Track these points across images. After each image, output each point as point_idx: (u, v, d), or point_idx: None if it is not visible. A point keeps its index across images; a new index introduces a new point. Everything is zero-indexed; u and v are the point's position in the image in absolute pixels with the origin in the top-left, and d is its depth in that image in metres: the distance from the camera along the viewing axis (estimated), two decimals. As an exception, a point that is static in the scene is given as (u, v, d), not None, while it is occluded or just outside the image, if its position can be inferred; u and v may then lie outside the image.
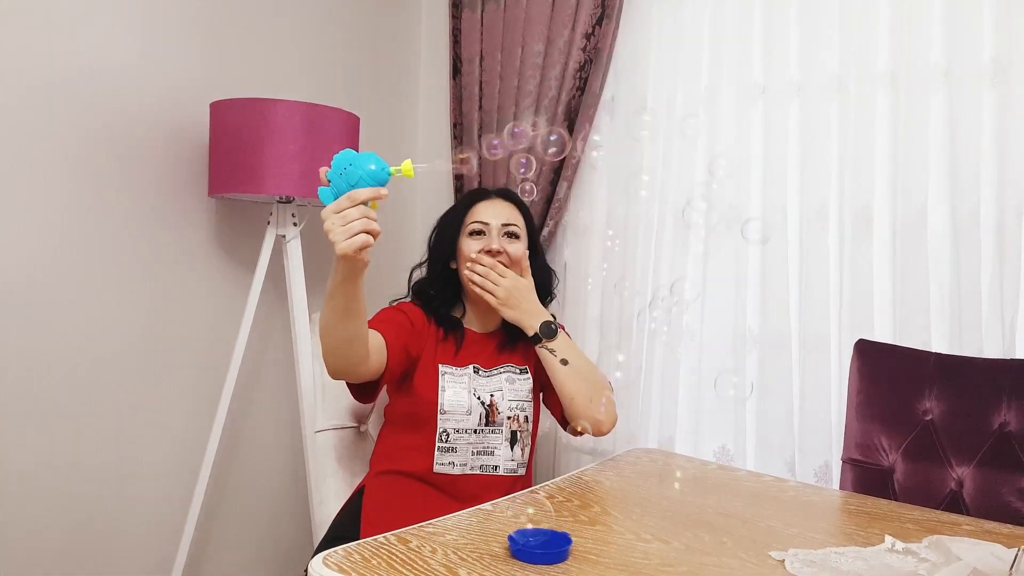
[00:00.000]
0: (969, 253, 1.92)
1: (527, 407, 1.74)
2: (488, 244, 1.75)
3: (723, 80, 2.29)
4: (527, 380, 1.77)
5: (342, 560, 1.03)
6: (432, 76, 2.94)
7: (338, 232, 1.18)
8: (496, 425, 1.70)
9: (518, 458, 1.72)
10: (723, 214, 2.28)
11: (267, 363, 2.48)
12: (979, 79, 1.91)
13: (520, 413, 1.72)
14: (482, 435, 1.68)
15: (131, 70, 2.12)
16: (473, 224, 1.78)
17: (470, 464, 1.67)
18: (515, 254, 1.76)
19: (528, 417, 1.74)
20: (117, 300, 2.13)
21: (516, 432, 1.72)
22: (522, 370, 1.78)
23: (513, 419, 1.71)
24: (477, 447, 1.68)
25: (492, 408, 1.70)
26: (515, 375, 1.76)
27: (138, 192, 2.16)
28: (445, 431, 1.66)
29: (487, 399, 1.70)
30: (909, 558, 1.14)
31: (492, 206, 1.82)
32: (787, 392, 2.15)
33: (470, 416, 1.67)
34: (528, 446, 1.75)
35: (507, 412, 1.71)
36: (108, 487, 2.14)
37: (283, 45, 2.49)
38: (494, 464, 1.69)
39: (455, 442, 1.67)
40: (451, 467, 1.66)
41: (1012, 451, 1.61)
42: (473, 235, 1.78)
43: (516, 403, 1.72)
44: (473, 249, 1.75)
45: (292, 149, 2.01)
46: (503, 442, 1.70)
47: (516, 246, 1.78)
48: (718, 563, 1.10)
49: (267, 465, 2.52)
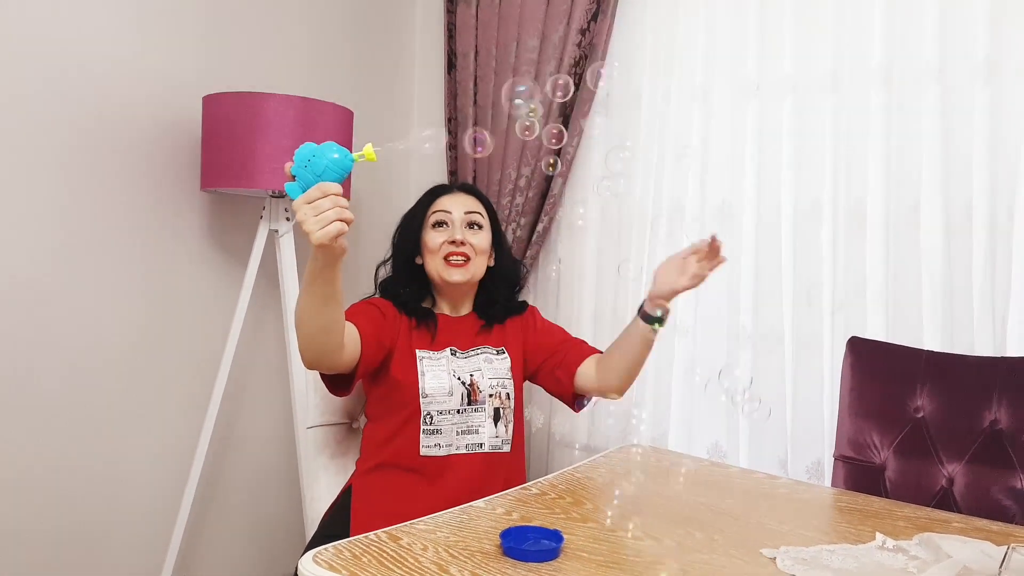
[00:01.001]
0: (961, 251, 1.92)
1: (508, 384, 1.74)
2: (451, 234, 1.75)
3: (717, 77, 2.29)
4: (505, 359, 1.77)
5: (332, 558, 1.03)
6: (427, 71, 2.93)
7: (312, 222, 1.20)
8: (479, 403, 1.70)
9: (503, 434, 1.72)
10: (718, 210, 2.28)
11: (259, 358, 2.47)
12: (972, 77, 1.91)
13: (501, 390, 1.73)
14: (465, 414, 1.69)
15: (123, 63, 2.11)
16: (435, 215, 1.79)
17: (455, 444, 1.68)
18: (478, 244, 1.77)
19: (510, 394, 1.74)
20: (109, 294, 2.13)
21: (499, 409, 1.72)
22: (499, 351, 1.78)
23: (495, 396, 1.72)
24: (461, 427, 1.69)
25: (473, 387, 1.70)
26: (492, 355, 1.77)
27: (130, 186, 2.15)
28: (428, 414, 1.67)
29: (467, 379, 1.70)
30: (900, 556, 1.15)
31: (454, 198, 1.82)
32: (780, 389, 2.16)
33: (452, 397, 1.68)
34: (511, 422, 1.75)
35: (488, 390, 1.72)
36: (99, 482, 2.14)
37: (277, 39, 2.48)
38: (479, 442, 1.69)
39: (439, 424, 1.67)
40: (437, 449, 1.67)
41: (1002, 449, 1.61)
42: (436, 226, 1.78)
43: (496, 380, 1.73)
44: (436, 240, 1.76)
45: (285, 143, 2.00)
46: (487, 419, 1.71)
47: (480, 236, 1.79)
48: (709, 560, 1.10)
49: (259, 461, 2.52)
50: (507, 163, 2.55)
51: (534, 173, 2.51)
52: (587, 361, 1.76)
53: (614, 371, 1.71)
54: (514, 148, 2.54)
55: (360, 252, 2.77)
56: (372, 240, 2.74)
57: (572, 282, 2.55)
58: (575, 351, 1.80)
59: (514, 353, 1.80)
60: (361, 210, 2.77)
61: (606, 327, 2.47)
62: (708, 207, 2.30)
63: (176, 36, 2.22)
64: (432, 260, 1.77)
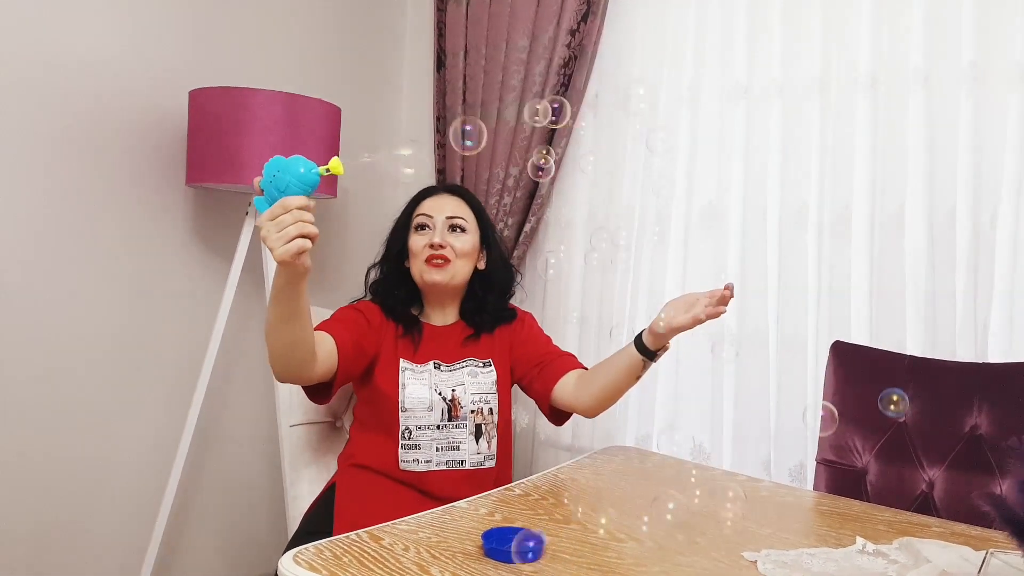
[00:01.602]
0: (944, 256, 1.94)
1: (491, 399, 1.71)
2: (431, 237, 1.72)
3: (706, 80, 2.30)
4: (490, 373, 1.74)
5: (313, 558, 1.02)
6: (416, 69, 2.92)
7: (274, 239, 1.18)
8: (459, 420, 1.67)
9: (484, 451, 1.70)
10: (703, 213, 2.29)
11: (243, 355, 2.46)
12: (958, 83, 1.92)
13: (484, 406, 1.70)
14: (445, 430, 1.67)
15: (109, 57, 2.10)
16: (418, 218, 1.77)
17: (435, 460, 1.66)
18: (460, 248, 1.74)
19: (493, 409, 1.71)
20: (92, 289, 2.11)
21: (481, 425, 1.69)
22: (485, 363, 1.75)
23: (477, 412, 1.69)
24: (441, 443, 1.66)
25: (454, 403, 1.67)
26: (477, 368, 1.74)
27: (115, 180, 2.13)
28: (407, 428, 1.65)
29: (448, 394, 1.68)
30: (879, 560, 1.15)
31: (438, 200, 1.79)
32: (764, 392, 2.16)
33: (432, 412, 1.66)
34: (495, 438, 1.72)
35: (470, 406, 1.69)
36: (80, 479, 2.12)
37: (264, 33, 2.47)
38: (460, 459, 1.67)
39: (418, 439, 1.65)
40: (416, 464, 1.65)
41: (983, 454, 1.62)
42: (418, 229, 1.76)
43: (479, 396, 1.70)
44: (419, 244, 1.74)
45: (271, 139, 2.00)
46: (468, 436, 1.68)
47: (463, 239, 1.75)
48: (691, 563, 1.10)
49: (242, 458, 2.51)
50: (495, 163, 2.55)
51: (522, 173, 2.51)
52: (568, 375, 1.73)
53: (593, 392, 1.67)
54: (503, 148, 2.53)
55: (349, 253, 2.76)
56: (360, 241, 2.75)
57: (559, 283, 2.55)
58: (557, 363, 1.76)
59: (501, 364, 1.77)
60: (349, 211, 2.76)
61: (592, 329, 2.47)
62: (695, 209, 2.30)
63: (162, 29, 2.20)
64: (415, 263, 1.75)
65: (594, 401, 1.67)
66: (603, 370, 1.66)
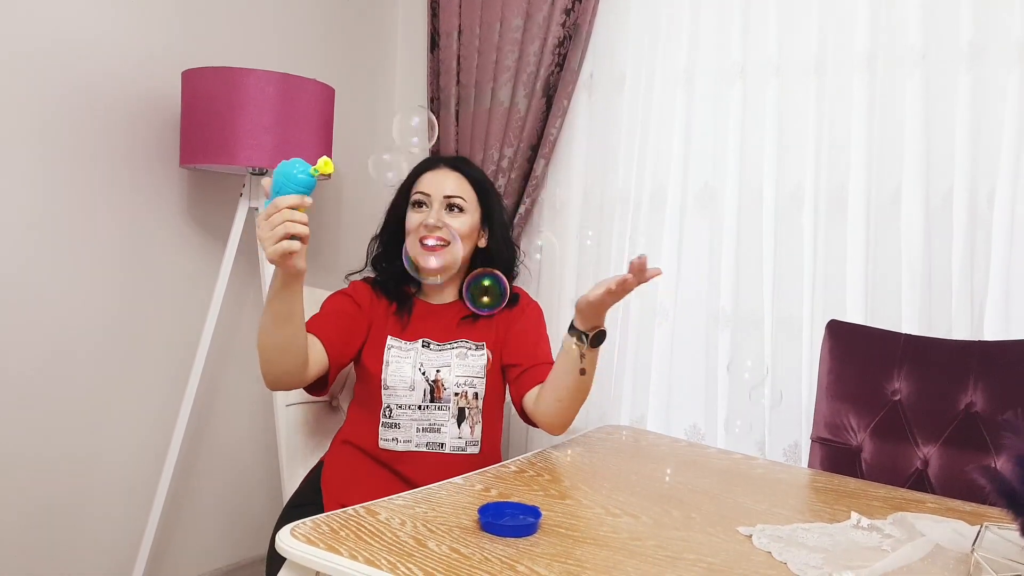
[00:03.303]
0: (941, 236, 1.94)
1: (478, 383, 1.64)
2: (427, 217, 1.66)
3: (701, 60, 2.29)
4: (481, 356, 1.67)
5: (311, 532, 1.03)
6: (410, 49, 2.91)
7: (265, 238, 1.20)
8: (442, 402, 1.62)
9: (467, 436, 1.63)
10: (698, 194, 2.28)
11: (239, 336, 2.45)
12: (955, 62, 1.92)
13: (469, 389, 1.63)
14: (427, 411, 1.62)
15: (101, 38, 2.08)
16: (415, 195, 1.70)
17: (415, 441, 1.61)
18: (457, 228, 1.65)
19: (479, 394, 1.64)
20: (86, 272, 2.10)
21: (464, 409, 1.63)
22: (477, 345, 1.68)
23: (461, 395, 1.63)
24: (422, 424, 1.62)
25: (437, 384, 1.62)
26: (468, 350, 1.67)
27: (108, 162, 2.12)
28: (388, 406, 1.62)
29: (432, 375, 1.62)
30: (874, 534, 1.16)
31: (437, 175, 1.72)
32: (759, 371, 2.17)
33: (413, 392, 1.61)
34: (479, 423, 1.65)
35: (454, 388, 1.62)
36: (76, 461, 2.12)
37: (257, 14, 2.45)
38: (440, 442, 1.62)
39: (398, 418, 1.62)
40: (395, 443, 1.61)
41: (978, 431, 1.63)
42: (415, 206, 1.70)
43: (465, 379, 1.63)
44: (413, 222, 1.67)
45: (265, 120, 1.98)
46: (449, 419, 1.62)
47: (461, 220, 1.68)
48: (686, 538, 1.11)
49: (238, 437, 2.51)
50: (489, 144, 2.54)
51: (516, 154, 2.51)
52: (536, 387, 1.61)
53: (547, 400, 1.55)
54: (497, 129, 2.53)
55: (343, 232, 2.76)
56: (355, 221, 2.74)
57: (554, 265, 2.55)
58: (532, 372, 1.64)
59: (495, 348, 1.70)
60: (343, 190, 2.75)
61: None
62: (690, 190, 2.30)
63: (155, 10, 2.19)
64: (410, 241, 1.67)
65: (551, 411, 1.55)
66: (551, 375, 1.54)
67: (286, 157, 2.00)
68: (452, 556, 0.98)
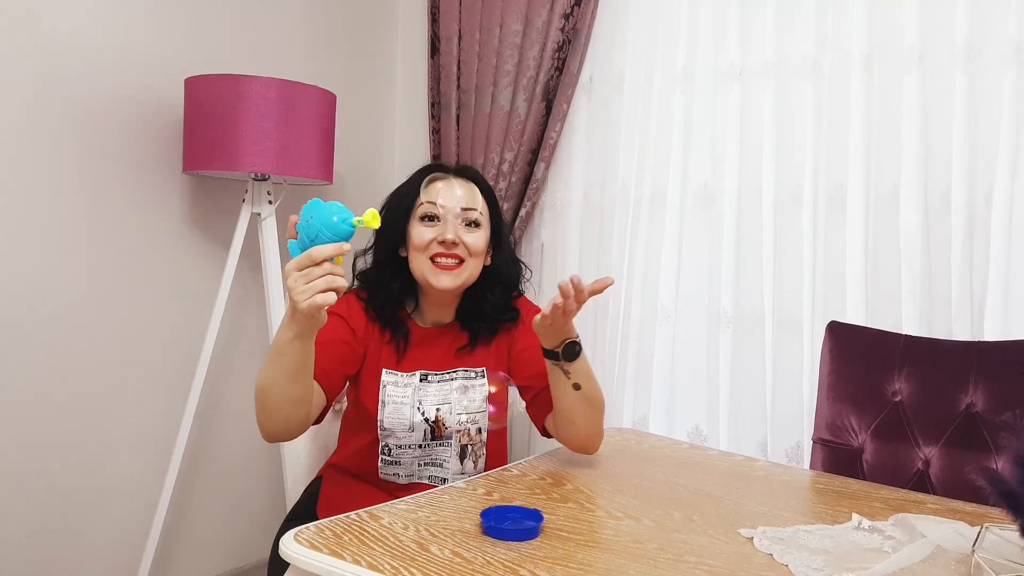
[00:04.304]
0: (940, 236, 1.94)
1: (480, 418, 1.53)
2: (442, 233, 1.47)
3: (700, 61, 2.30)
4: (483, 386, 1.54)
5: (313, 536, 1.03)
6: (410, 55, 2.92)
7: (300, 291, 1.12)
8: (443, 439, 1.51)
9: (469, 470, 1.54)
10: (698, 195, 2.29)
11: (241, 341, 2.46)
12: (952, 62, 1.92)
13: (471, 427, 1.52)
14: (428, 448, 1.51)
15: (105, 45, 2.09)
16: (425, 206, 1.50)
17: (417, 475, 1.52)
18: (474, 245, 1.50)
19: (481, 428, 1.54)
20: (90, 277, 2.11)
21: (467, 446, 1.53)
22: (478, 372, 1.55)
23: (463, 433, 1.52)
24: (423, 459, 1.52)
25: (438, 423, 1.50)
26: (469, 380, 1.54)
27: (111, 168, 2.13)
28: (387, 446, 1.50)
29: (432, 414, 1.49)
30: (875, 536, 1.16)
31: (449, 186, 1.53)
32: (760, 373, 2.17)
33: (413, 433, 1.49)
34: (482, 456, 1.55)
35: (456, 426, 1.51)
36: (81, 464, 2.13)
37: (259, 21, 2.46)
38: (442, 476, 1.52)
39: (398, 456, 1.51)
40: (396, 477, 1.52)
41: (978, 432, 1.63)
42: (425, 220, 1.50)
43: (467, 416, 1.52)
44: (425, 238, 1.48)
45: (268, 126, 1.99)
46: (452, 456, 1.52)
47: (476, 236, 1.51)
48: (688, 540, 1.11)
49: (241, 442, 2.51)
50: (490, 148, 2.55)
51: (517, 158, 2.51)
52: None
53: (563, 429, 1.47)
54: (497, 133, 2.53)
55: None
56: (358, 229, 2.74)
57: (554, 267, 2.56)
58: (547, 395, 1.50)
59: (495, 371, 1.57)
60: (345, 196, 2.76)
61: (587, 313, 2.47)
62: (690, 191, 2.31)
63: (158, 18, 2.20)
64: (417, 259, 1.50)
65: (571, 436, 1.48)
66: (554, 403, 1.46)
67: (289, 162, 2.03)
68: (455, 560, 0.98)
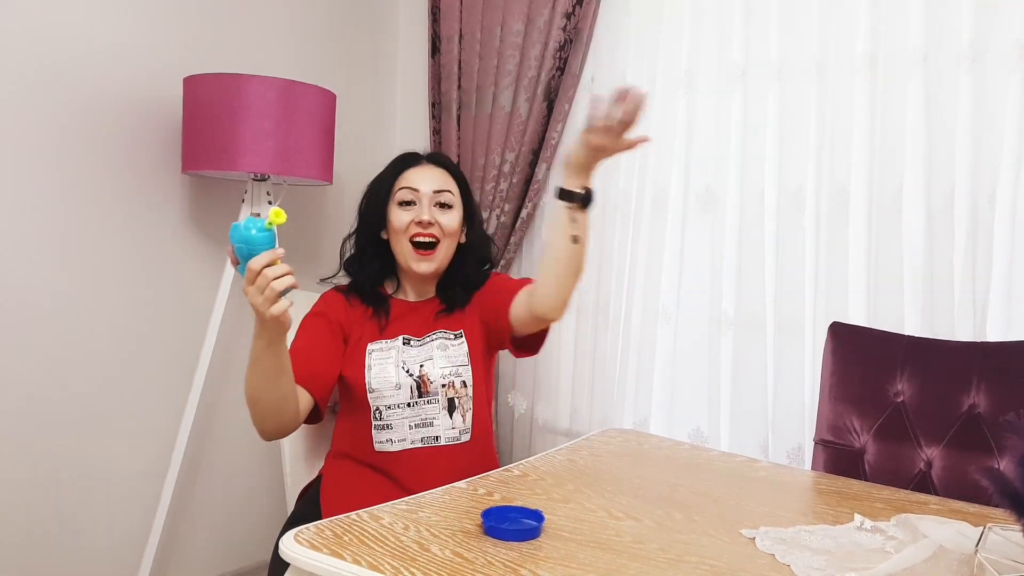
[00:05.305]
0: (943, 238, 1.93)
1: (464, 371, 1.63)
2: (418, 214, 1.65)
3: (702, 62, 2.29)
4: (461, 344, 1.66)
5: (314, 537, 1.03)
6: (411, 54, 2.92)
7: (259, 303, 1.23)
8: (430, 395, 1.61)
9: (459, 425, 1.63)
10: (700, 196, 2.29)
11: (242, 341, 2.46)
12: (957, 64, 1.91)
13: (455, 379, 1.62)
14: (417, 407, 1.61)
15: (103, 44, 2.09)
16: (401, 191, 1.68)
17: (409, 439, 1.60)
18: (448, 226, 1.67)
19: (466, 382, 1.64)
20: (90, 278, 2.11)
21: (454, 399, 1.62)
22: (456, 335, 1.67)
23: (448, 386, 1.62)
24: (414, 420, 1.60)
25: (423, 379, 1.61)
26: (448, 341, 1.66)
27: (110, 168, 2.13)
28: (378, 409, 1.60)
29: (416, 371, 1.61)
30: (877, 536, 1.16)
31: (423, 172, 1.70)
32: (761, 374, 2.17)
33: (400, 391, 1.60)
34: (470, 410, 1.64)
35: (440, 380, 1.61)
36: (81, 465, 2.12)
37: (259, 20, 2.46)
38: (435, 435, 1.61)
39: (389, 419, 1.60)
40: (390, 444, 1.60)
41: (981, 433, 1.63)
42: (402, 205, 1.67)
43: (450, 369, 1.62)
44: (403, 220, 1.65)
45: (267, 126, 1.99)
46: (441, 411, 1.61)
47: (450, 216, 1.68)
48: (689, 540, 1.11)
49: (241, 442, 2.51)
50: (491, 148, 2.55)
51: (518, 159, 2.51)
52: (520, 292, 1.62)
53: (543, 284, 1.53)
54: (498, 133, 2.53)
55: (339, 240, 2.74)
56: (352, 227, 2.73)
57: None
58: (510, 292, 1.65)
59: (473, 335, 1.69)
60: (344, 196, 2.75)
61: (589, 314, 2.47)
62: (692, 193, 2.30)
63: (156, 17, 2.20)
64: (398, 241, 1.67)
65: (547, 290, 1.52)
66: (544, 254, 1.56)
67: (288, 162, 2.03)
68: (455, 560, 0.98)
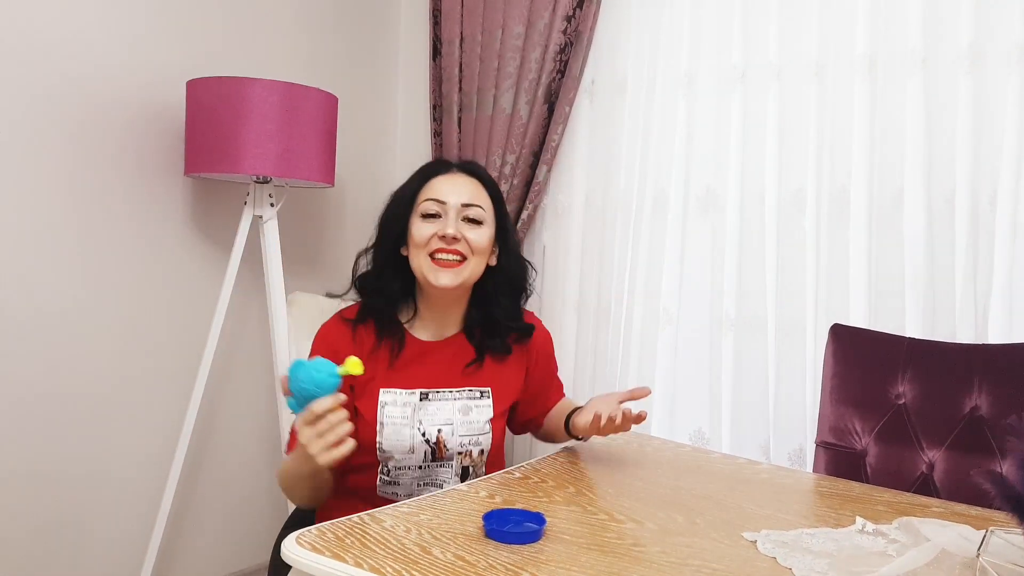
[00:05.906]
0: (943, 239, 1.94)
1: (483, 440, 1.48)
2: (443, 228, 1.44)
3: (702, 64, 2.30)
4: (486, 407, 1.50)
5: (316, 539, 1.03)
6: (412, 57, 2.92)
7: (315, 445, 1.19)
8: (444, 461, 1.46)
9: None
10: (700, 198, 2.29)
11: (243, 344, 2.46)
12: (956, 65, 1.92)
13: (473, 448, 1.47)
14: (428, 469, 1.46)
15: (106, 48, 2.09)
16: (426, 203, 1.46)
17: (415, 494, 1.45)
18: (476, 242, 1.45)
19: (484, 450, 1.49)
20: (92, 280, 2.11)
21: (468, 467, 1.48)
22: (483, 392, 1.50)
23: (465, 455, 1.47)
24: (423, 480, 1.46)
25: (439, 445, 1.45)
26: (473, 401, 1.49)
27: (113, 171, 2.13)
28: (386, 467, 1.45)
29: (433, 434, 1.44)
30: (879, 539, 1.15)
31: (452, 181, 1.49)
32: (762, 376, 2.17)
33: (413, 455, 1.44)
34: (483, 471, 1.51)
35: (457, 448, 1.46)
36: (83, 467, 2.12)
37: (261, 24, 2.46)
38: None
39: (397, 477, 1.46)
40: (396, 496, 1.46)
41: (983, 435, 1.63)
42: (426, 217, 1.46)
43: (469, 438, 1.47)
44: (425, 234, 1.44)
45: (269, 129, 1.99)
46: (453, 476, 1.47)
47: (479, 232, 1.46)
48: (690, 543, 1.11)
49: (243, 446, 2.51)
50: (492, 150, 2.55)
51: (519, 161, 2.51)
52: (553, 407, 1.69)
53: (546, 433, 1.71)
54: (499, 135, 2.53)
55: (345, 241, 2.76)
56: (354, 230, 2.74)
57: (556, 271, 2.55)
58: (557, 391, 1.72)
59: (502, 391, 1.53)
60: (346, 199, 2.76)
61: (590, 316, 2.47)
62: (692, 194, 2.30)
63: (159, 20, 2.20)
64: (417, 255, 1.46)
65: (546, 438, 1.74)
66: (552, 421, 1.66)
67: (290, 165, 2.03)
68: (457, 563, 0.98)
